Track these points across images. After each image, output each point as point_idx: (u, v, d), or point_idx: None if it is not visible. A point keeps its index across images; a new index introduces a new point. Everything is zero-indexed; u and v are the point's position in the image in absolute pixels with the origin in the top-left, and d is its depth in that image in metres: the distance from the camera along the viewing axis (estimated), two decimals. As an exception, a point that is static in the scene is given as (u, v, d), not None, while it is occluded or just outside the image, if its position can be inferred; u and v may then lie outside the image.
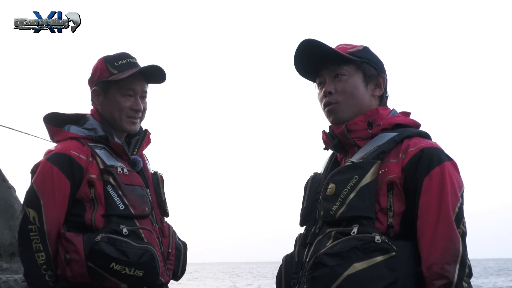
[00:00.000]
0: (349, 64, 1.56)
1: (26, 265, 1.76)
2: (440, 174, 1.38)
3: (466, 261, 1.34)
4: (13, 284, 3.63)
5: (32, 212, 1.73)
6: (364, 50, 1.59)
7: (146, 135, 2.02)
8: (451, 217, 1.36)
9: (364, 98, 1.56)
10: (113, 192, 1.78)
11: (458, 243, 1.34)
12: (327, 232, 1.44)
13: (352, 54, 1.56)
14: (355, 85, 1.55)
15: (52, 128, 1.94)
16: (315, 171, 1.69)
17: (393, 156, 1.44)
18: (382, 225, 1.39)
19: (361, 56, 1.57)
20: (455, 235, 1.34)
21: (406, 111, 1.61)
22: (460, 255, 1.33)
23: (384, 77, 1.59)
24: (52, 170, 1.76)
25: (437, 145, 1.47)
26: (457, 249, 1.33)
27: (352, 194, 1.41)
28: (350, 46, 1.60)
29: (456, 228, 1.35)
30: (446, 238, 1.34)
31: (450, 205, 1.36)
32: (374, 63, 1.58)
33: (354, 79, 1.56)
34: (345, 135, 1.53)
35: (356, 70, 1.56)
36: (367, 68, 1.57)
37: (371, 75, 1.57)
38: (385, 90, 1.61)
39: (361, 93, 1.55)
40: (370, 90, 1.57)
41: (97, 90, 1.94)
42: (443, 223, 1.35)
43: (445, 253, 1.33)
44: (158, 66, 1.93)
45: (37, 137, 3.60)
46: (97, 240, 1.68)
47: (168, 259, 1.94)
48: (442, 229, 1.35)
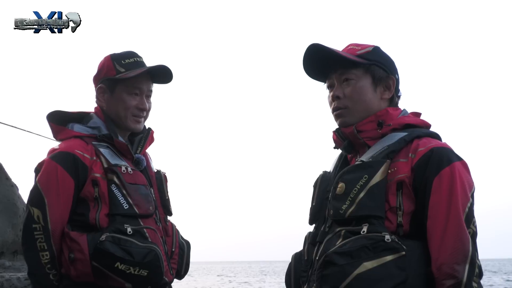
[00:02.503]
0: (357, 67, 1.55)
1: (30, 264, 1.75)
2: (450, 174, 1.38)
3: (475, 261, 1.34)
4: (15, 282, 3.64)
5: (37, 211, 1.73)
6: (374, 51, 1.57)
7: (149, 133, 2.02)
8: (461, 217, 1.35)
9: (372, 102, 1.55)
10: (117, 191, 1.77)
11: (467, 243, 1.34)
12: (337, 231, 1.44)
13: (361, 56, 1.55)
14: (363, 90, 1.54)
15: (56, 127, 1.93)
16: (325, 170, 1.68)
17: (402, 156, 1.44)
18: (391, 224, 1.39)
19: (370, 58, 1.55)
20: (465, 235, 1.34)
21: (417, 112, 1.60)
22: (469, 255, 1.33)
23: (394, 78, 1.57)
24: (56, 169, 1.76)
25: (447, 145, 1.47)
26: (467, 249, 1.33)
27: (361, 193, 1.41)
28: (360, 47, 1.58)
29: (466, 228, 1.35)
30: (455, 238, 1.34)
31: (460, 205, 1.36)
32: (383, 65, 1.56)
33: (362, 83, 1.54)
34: (355, 135, 1.53)
35: (365, 73, 1.55)
36: (376, 70, 1.55)
37: (380, 78, 1.55)
38: (396, 90, 1.59)
39: (369, 97, 1.54)
40: (380, 92, 1.56)
41: (103, 87, 1.93)
42: (453, 223, 1.35)
43: (455, 253, 1.33)
44: (166, 67, 1.92)
45: (39, 135, 3.61)
46: (102, 240, 1.68)
47: (172, 258, 1.93)
48: (452, 229, 1.34)
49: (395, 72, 1.59)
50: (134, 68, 1.90)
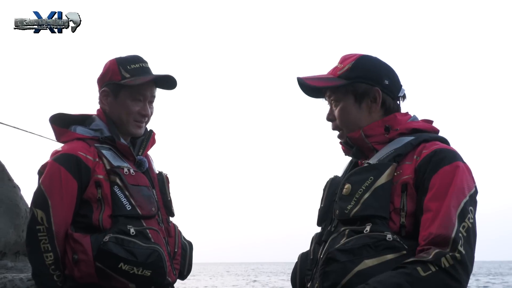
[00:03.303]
0: (338, 90, 1.59)
1: (34, 265, 1.77)
2: (449, 172, 1.39)
3: (458, 248, 1.29)
4: (18, 283, 3.65)
5: (40, 212, 1.74)
6: (355, 65, 1.58)
7: (151, 135, 2.03)
8: (451, 210, 1.33)
9: (359, 120, 1.57)
10: (120, 193, 1.79)
11: (451, 231, 1.30)
12: (341, 230, 1.47)
13: (341, 76, 1.58)
14: (346, 110, 1.58)
15: (58, 129, 1.94)
16: (336, 174, 1.71)
17: (408, 159, 1.46)
18: (395, 224, 1.41)
19: (350, 75, 1.57)
20: (451, 225, 1.31)
21: (428, 119, 1.61)
22: (450, 242, 1.30)
23: (379, 89, 1.56)
24: (59, 171, 1.77)
25: (452, 148, 1.48)
26: (449, 236, 1.30)
27: (367, 194, 1.44)
28: (343, 64, 1.60)
29: (454, 220, 1.32)
30: (439, 225, 1.32)
31: (454, 199, 1.35)
32: (365, 78, 1.56)
33: (345, 104, 1.58)
34: (363, 140, 1.55)
35: (346, 93, 1.58)
36: (357, 87, 1.56)
37: (363, 93, 1.56)
38: (393, 94, 1.58)
39: (353, 115, 1.58)
40: (367, 107, 1.57)
41: (107, 91, 1.94)
42: (443, 214, 1.33)
43: (436, 238, 1.32)
44: (171, 76, 1.94)
45: (42, 137, 3.62)
46: (105, 241, 1.69)
47: (174, 259, 1.95)
48: (438, 220, 1.33)
49: (382, 80, 1.57)
50: (139, 75, 1.91)
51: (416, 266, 1.29)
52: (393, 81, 1.59)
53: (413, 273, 1.28)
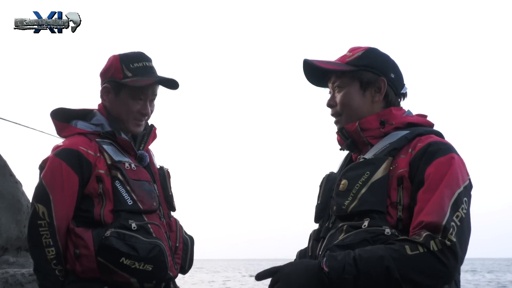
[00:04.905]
0: (345, 75, 1.59)
1: (36, 260, 1.77)
2: (443, 163, 1.38)
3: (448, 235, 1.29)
4: (20, 278, 3.66)
5: (42, 207, 1.75)
6: (364, 54, 1.59)
7: (152, 130, 2.03)
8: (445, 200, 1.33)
9: (361, 107, 1.58)
10: (121, 188, 1.79)
11: (442, 219, 1.30)
12: (339, 226, 1.47)
13: (350, 63, 1.58)
14: (350, 96, 1.58)
15: (59, 124, 1.94)
16: (331, 171, 1.71)
17: (403, 153, 1.47)
18: (392, 218, 1.41)
19: (358, 63, 1.58)
20: (443, 213, 1.31)
21: (422, 114, 1.61)
22: (441, 229, 1.29)
23: (385, 79, 1.57)
24: (61, 166, 1.77)
25: (447, 141, 1.48)
26: (440, 223, 1.30)
27: (363, 189, 1.44)
28: (352, 52, 1.61)
29: (446, 209, 1.32)
30: (430, 214, 1.32)
31: (448, 189, 1.34)
32: (373, 68, 1.58)
33: (350, 90, 1.58)
34: (359, 133, 1.56)
35: (352, 79, 1.58)
36: (363, 75, 1.57)
37: (369, 82, 1.57)
38: (395, 88, 1.59)
39: (357, 102, 1.58)
40: (370, 96, 1.58)
41: (108, 87, 1.94)
42: (435, 203, 1.33)
43: (426, 226, 1.31)
44: (174, 80, 1.93)
45: (43, 132, 3.62)
46: (107, 235, 1.70)
47: (176, 253, 1.95)
48: (431, 208, 1.33)
49: (389, 72, 1.59)
50: (142, 74, 1.89)
51: (404, 244, 1.30)
52: (398, 76, 1.61)
53: (400, 250, 1.29)
